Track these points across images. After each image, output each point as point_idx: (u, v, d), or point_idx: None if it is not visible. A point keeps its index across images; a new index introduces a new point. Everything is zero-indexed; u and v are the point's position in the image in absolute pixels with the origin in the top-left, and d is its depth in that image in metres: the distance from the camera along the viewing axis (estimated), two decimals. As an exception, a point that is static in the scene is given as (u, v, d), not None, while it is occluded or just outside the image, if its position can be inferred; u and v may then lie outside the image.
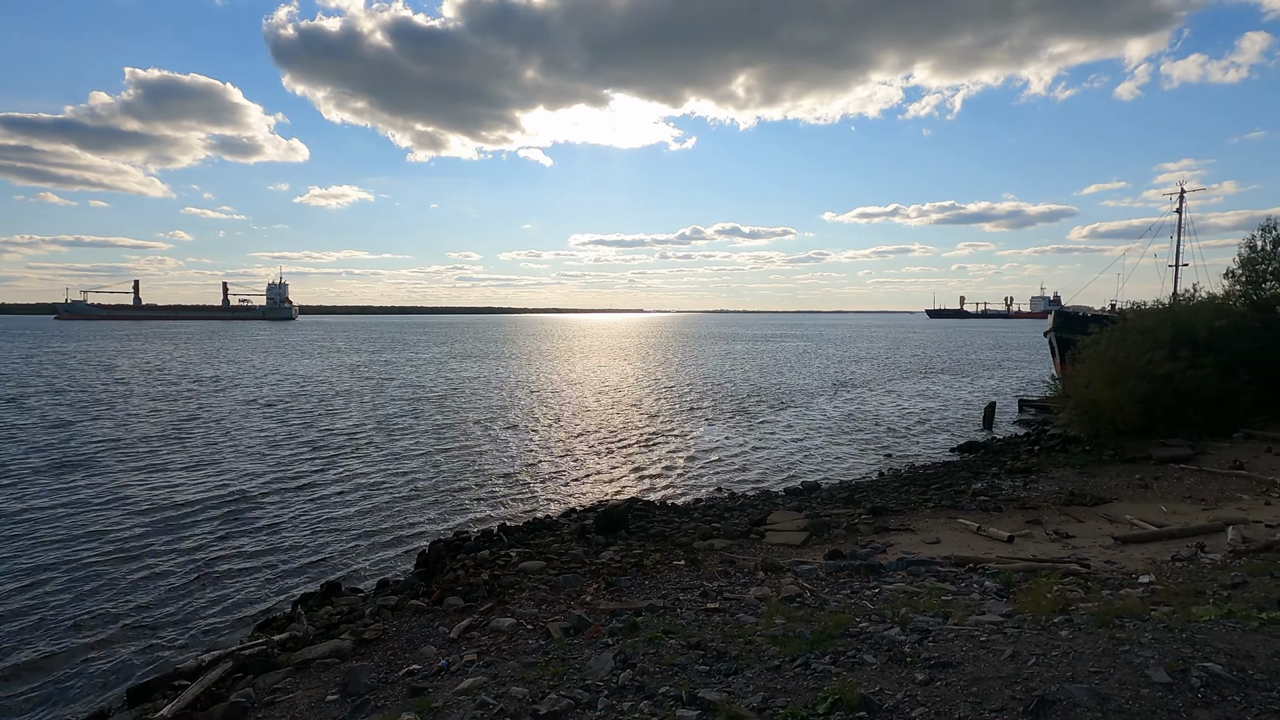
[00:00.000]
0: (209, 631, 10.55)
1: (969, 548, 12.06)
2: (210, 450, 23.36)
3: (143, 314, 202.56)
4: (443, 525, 15.77)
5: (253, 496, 17.83)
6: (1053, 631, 5.76)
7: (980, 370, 57.35)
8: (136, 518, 15.86)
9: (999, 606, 7.54)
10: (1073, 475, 18.32)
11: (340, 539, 14.75)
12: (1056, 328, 40.22)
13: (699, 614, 8.28)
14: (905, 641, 5.99)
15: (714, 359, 70.36)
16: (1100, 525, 13.48)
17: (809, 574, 10.24)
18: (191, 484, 18.98)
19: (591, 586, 10.14)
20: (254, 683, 7.59)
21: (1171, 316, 23.55)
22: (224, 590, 12.04)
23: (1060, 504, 15.29)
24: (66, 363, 58.11)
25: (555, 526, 14.91)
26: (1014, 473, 19.03)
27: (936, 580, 9.75)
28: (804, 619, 7.60)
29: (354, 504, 17.31)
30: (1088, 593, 8.42)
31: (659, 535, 13.66)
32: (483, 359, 68.40)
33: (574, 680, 6.14)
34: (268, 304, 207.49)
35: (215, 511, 16.49)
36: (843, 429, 28.96)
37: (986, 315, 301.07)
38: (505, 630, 8.35)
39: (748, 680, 5.59)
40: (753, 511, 15.60)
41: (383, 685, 7.06)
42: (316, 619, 9.75)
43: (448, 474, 20.56)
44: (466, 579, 10.89)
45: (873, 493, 17.54)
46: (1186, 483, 16.58)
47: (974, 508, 15.23)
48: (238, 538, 14.69)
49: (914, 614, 7.41)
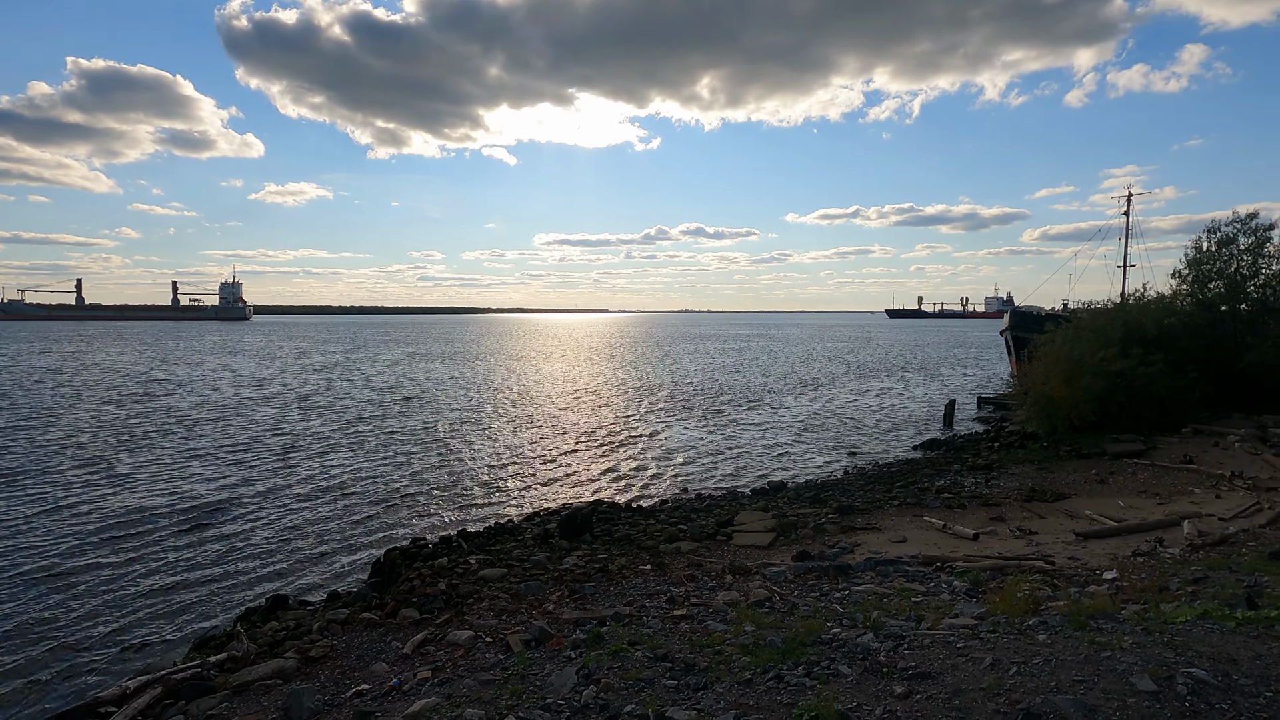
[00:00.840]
0: (143, 652, 9.83)
1: (935, 546, 12.03)
2: (152, 457, 22.20)
3: (86, 314, 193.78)
4: (399, 532, 15.17)
5: (197, 505, 16.91)
6: (1029, 636, 5.59)
7: (939, 368, 58.48)
8: (71, 529, 14.87)
9: (971, 608, 7.40)
10: (1032, 471, 18.59)
11: (290, 549, 14.04)
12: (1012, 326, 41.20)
13: (666, 622, 7.97)
14: (880, 649, 5.77)
15: (679, 359, 70.35)
16: (1061, 521, 13.62)
17: (778, 576, 10.03)
18: (130, 493, 17.94)
19: (554, 594, 9.76)
20: (186, 709, 7.02)
21: (1122, 315, 24.20)
22: (162, 606, 11.28)
23: (1022, 500, 15.45)
24: (7, 366, 55.10)
25: (517, 531, 14.45)
26: (976, 469, 19.22)
27: (905, 580, 9.64)
28: (774, 625, 7.35)
29: (305, 511, 16.56)
30: (1055, 591, 8.37)
31: (624, 539, 13.33)
32: (444, 360, 67.14)
33: (534, 699, 5.76)
34: (220, 304, 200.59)
35: (156, 522, 15.57)
36: (808, 427, 29.04)
37: (943, 315, 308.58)
38: (462, 644, 7.91)
39: (718, 696, 5.29)
40: (719, 512, 15.39)
41: (328, 708, 6.57)
42: (259, 636, 9.15)
43: (406, 478, 19.89)
44: (423, 589, 10.39)
45: (839, 491, 17.50)
46: (1140, 477, 16.93)
47: (939, 505, 15.28)
48: (180, 549, 13.86)
49: (886, 618, 7.23)
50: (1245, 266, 24.97)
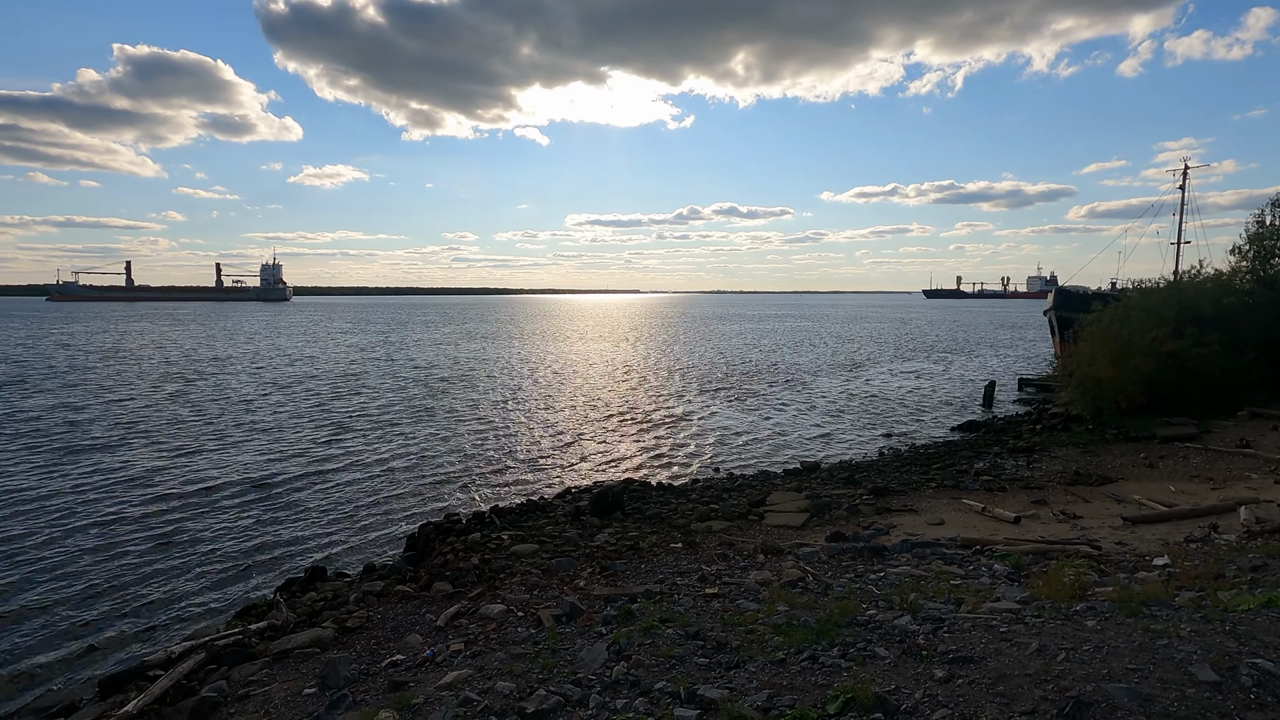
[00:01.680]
0: (190, 618, 10.16)
1: (975, 529, 11.73)
2: (200, 433, 22.89)
3: (136, 295, 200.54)
4: (433, 507, 15.39)
5: (241, 479, 17.39)
6: (1077, 621, 5.37)
7: (978, 349, 57.05)
8: (122, 501, 15.43)
9: (1013, 592, 7.17)
10: (1076, 454, 18.01)
11: (328, 522, 14.35)
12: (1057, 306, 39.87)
13: (697, 600, 7.90)
14: (919, 632, 5.60)
15: (711, 339, 69.91)
16: (1108, 505, 13.16)
17: (811, 557, 9.87)
18: (180, 467, 18.53)
19: (585, 570, 9.76)
20: (228, 675, 7.20)
21: (1176, 294, 23.16)
22: (207, 574, 11.64)
23: (1065, 483, 14.98)
24: (68, 345, 57.34)
25: (549, 508, 14.53)
26: (1017, 452, 18.70)
27: (943, 563, 9.39)
28: (808, 606, 7.22)
29: (345, 486, 16.90)
30: (1103, 576, 8.07)
31: (655, 517, 13.29)
32: (479, 340, 67.82)
33: (564, 674, 5.75)
34: (261, 285, 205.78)
35: (202, 494, 16.06)
36: (842, 408, 28.61)
37: (983, 295, 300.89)
38: (494, 618, 7.96)
39: (750, 675, 5.20)
40: (751, 492, 15.25)
41: (363, 677, 6.67)
42: (299, 606, 9.36)
43: (441, 455, 20.15)
44: (456, 563, 10.50)
45: (874, 473, 17.20)
46: (1193, 462, 16.27)
47: (978, 488, 14.91)
48: (224, 520, 14.28)
49: (924, 600, 7.04)
50: (1311, 242, 23.65)
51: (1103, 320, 22.51)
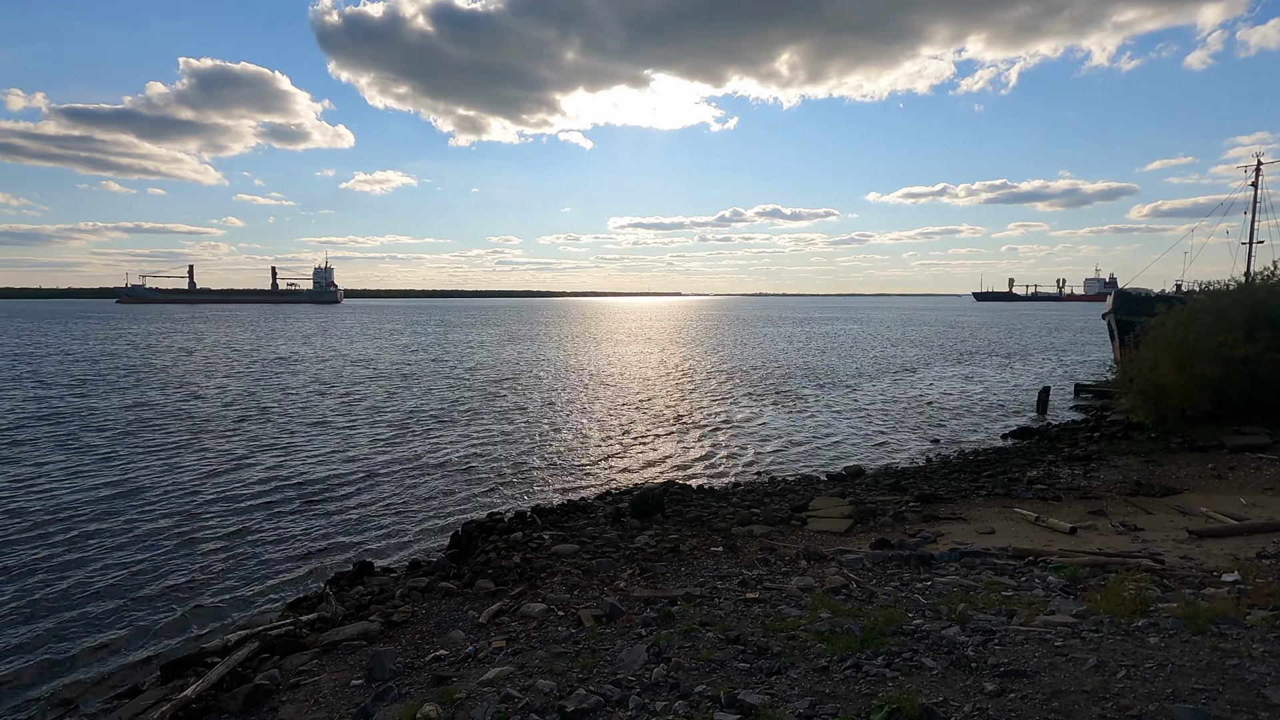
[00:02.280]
0: (245, 608, 10.53)
1: (1027, 539, 11.33)
2: (259, 431, 23.76)
3: (197, 298, 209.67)
4: (477, 505, 15.62)
5: (296, 476, 17.98)
6: (1139, 637, 5.13)
7: (1031, 354, 55.16)
8: (186, 495, 16.11)
9: (1069, 605, 6.90)
10: (1137, 464, 17.24)
11: (377, 518, 14.71)
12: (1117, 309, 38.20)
13: (738, 604, 7.83)
14: (968, 643, 5.44)
15: (754, 341, 69.31)
16: (1171, 517, 12.55)
17: (855, 564, 9.69)
18: (239, 462, 19.25)
19: (625, 572, 9.78)
20: (280, 664, 7.44)
21: (1249, 296, 21.94)
22: (260, 566, 12.05)
23: (1125, 494, 14.35)
24: (139, 346, 60.29)
25: (589, 509, 14.60)
26: (1073, 460, 18.00)
27: (994, 574, 9.10)
28: (851, 613, 7.09)
29: (392, 483, 17.30)
30: (1167, 591, 7.70)
31: (696, 520, 13.23)
32: (524, 341, 68.69)
33: (604, 674, 5.76)
34: (314, 287, 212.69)
35: (260, 489, 16.65)
36: (888, 413, 28.01)
37: (1037, 298, 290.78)
38: (535, 616, 8.03)
39: (792, 681, 5.12)
40: (793, 497, 15.05)
41: (408, 671, 6.81)
42: (347, 599, 9.61)
43: (484, 454, 20.46)
44: (498, 561, 10.64)
45: (920, 479, 16.78)
46: (1266, 473, 15.40)
47: (1030, 496, 14.40)
48: (279, 515, 14.77)
49: (973, 611, 6.84)
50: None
51: (1167, 324, 21.49)
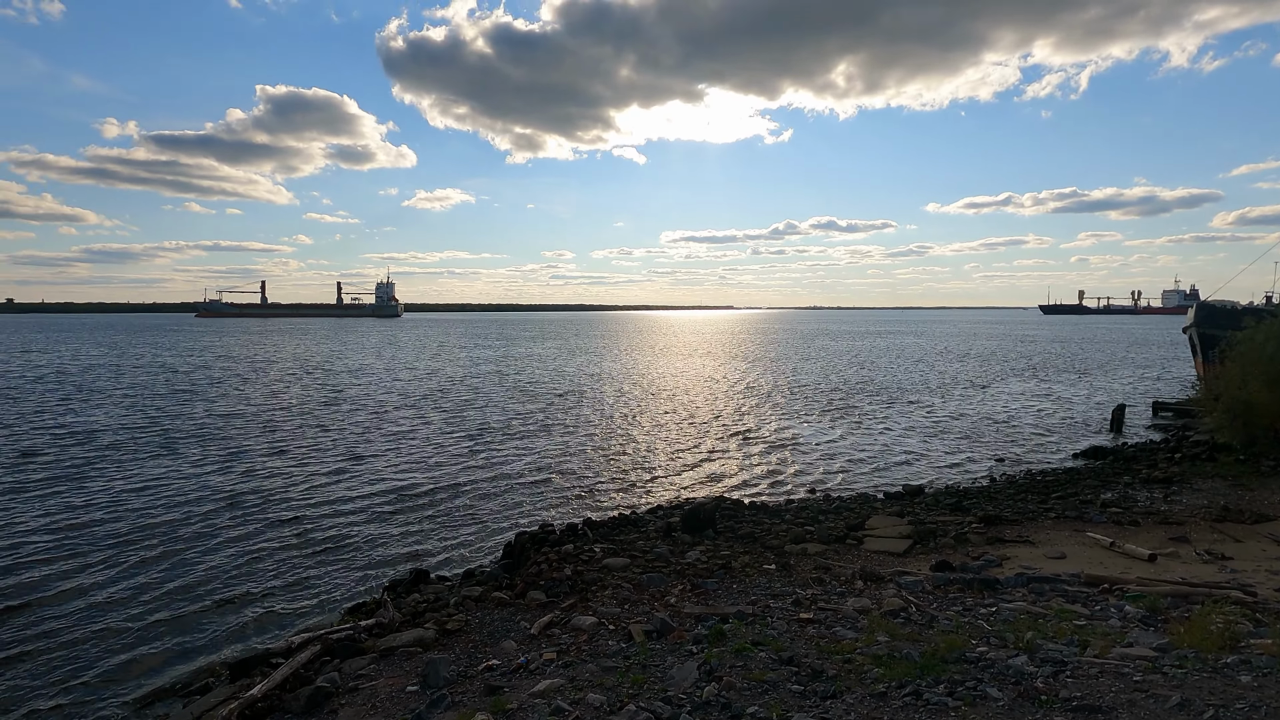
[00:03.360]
0: (307, 612, 10.89)
1: (1101, 565, 10.73)
2: (319, 440, 24.69)
3: (268, 312, 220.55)
4: (529, 516, 15.80)
5: (359, 484, 18.58)
6: (1228, 675, 4.78)
7: (1105, 370, 52.49)
8: (249, 502, 16.84)
9: (1149, 638, 6.48)
10: (1224, 488, 16.16)
11: (433, 527, 15.04)
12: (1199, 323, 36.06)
13: (791, 624, 7.66)
14: (1037, 674, 5.17)
15: (809, 355, 68.21)
16: (1264, 546, 11.69)
17: (914, 586, 9.36)
18: (300, 472, 20.04)
19: (676, 587, 9.70)
20: (340, 667, 7.65)
21: (1349, 308, 20.40)
22: (324, 572, 12.46)
23: (1211, 520, 13.45)
24: (221, 357, 63.73)
25: (640, 523, 14.57)
26: (1151, 483, 17.00)
27: (1065, 601, 8.65)
28: (911, 637, 6.84)
29: (445, 492, 17.68)
30: (1259, 626, 7.15)
31: (748, 536, 13.04)
32: (576, 355, 69.45)
33: (654, 691, 5.72)
34: (376, 302, 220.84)
35: (319, 498, 17.27)
36: (950, 430, 27.07)
37: (1109, 310, 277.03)
38: (586, 629, 8.04)
39: (848, 707, 4.97)
40: (849, 515, 14.67)
41: (461, 679, 6.90)
42: (403, 606, 9.83)
43: (536, 465, 20.71)
44: (550, 573, 10.71)
45: (984, 499, 16.13)
46: (1373, 501, 14.20)
47: (1104, 520, 13.65)
48: (338, 523, 15.27)
49: (1042, 640, 6.50)
50: None
51: (1257, 338, 20.15)
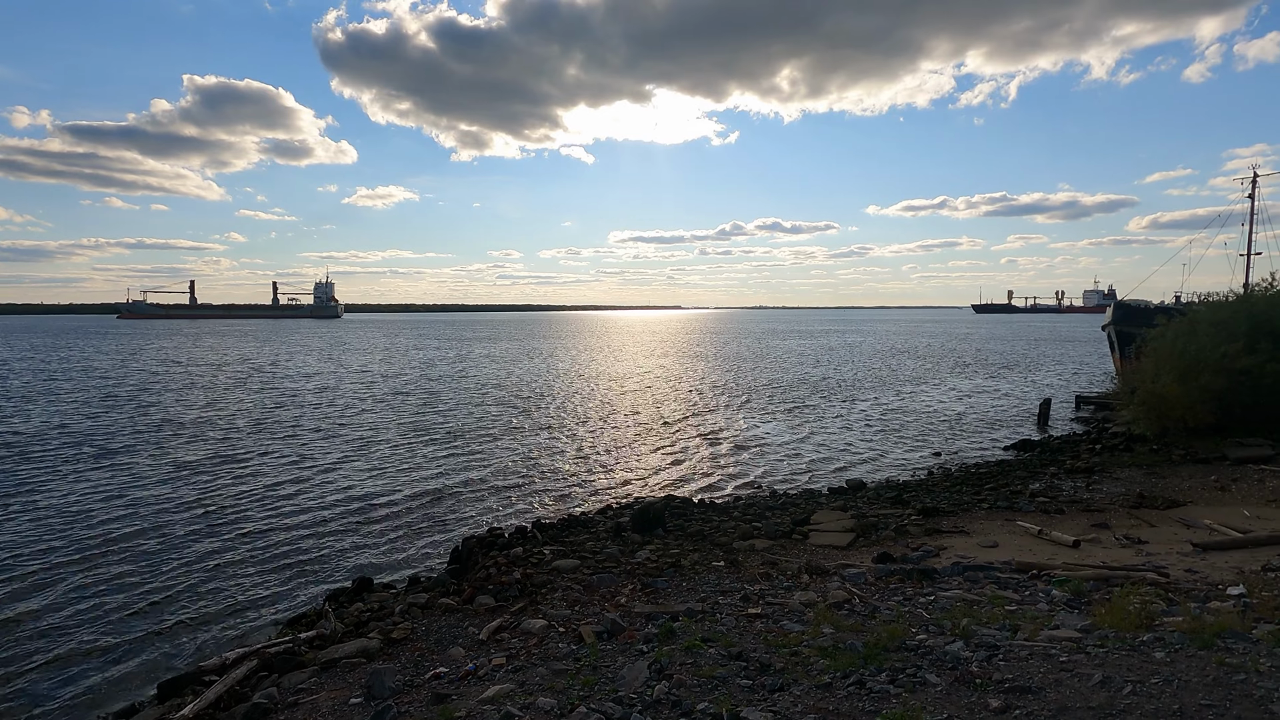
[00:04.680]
0: (243, 626, 10.45)
1: (1030, 552, 11.27)
2: (254, 445, 23.71)
3: (198, 313, 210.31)
4: (477, 520, 15.56)
5: (293, 490, 17.92)
6: (1144, 652, 5.09)
7: (1032, 366, 55.15)
8: (175, 511, 16.04)
9: (1073, 620, 6.84)
10: (1140, 476, 17.19)
11: (376, 533, 14.64)
12: (1117, 321, 38.27)
13: (740, 620, 7.77)
14: (972, 659, 5.39)
15: (755, 355, 69.34)
16: (1175, 530, 12.49)
17: (857, 578, 9.63)
18: (234, 478, 19.20)
19: (627, 587, 9.72)
20: (278, 682, 7.38)
21: (1248, 307, 21.99)
22: (258, 583, 11.98)
23: (1129, 507, 14.30)
24: (142, 359, 60.35)
25: (590, 524, 14.53)
26: (1075, 473, 17.95)
27: (997, 588, 9.05)
28: (854, 628, 7.04)
29: (391, 498, 17.24)
30: (1172, 605, 7.64)
31: (697, 534, 13.17)
32: (522, 355, 68.73)
33: (605, 691, 5.71)
34: (315, 302, 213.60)
35: (257, 504, 16.58)
36: (888, 425, 27.96)
37: (1036, 310, 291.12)
38: (536, 633, 7.97)
39: (795, 698, 5.08)
40: (795, 511, 14.99)
41: (407, 689, 6.75)
42: (346, 616, 9.55)
43: (484, 468, 20.41)
44: (498, 577, 10.58)
45: (922, 492, 16.73)
46: (1269, 485, 15.34)
47: (1033, 509, 14.35)
48: (277, 530, 14.70)
49: (977, 626, 6.79)
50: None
51: (1168, 335, 21.52)
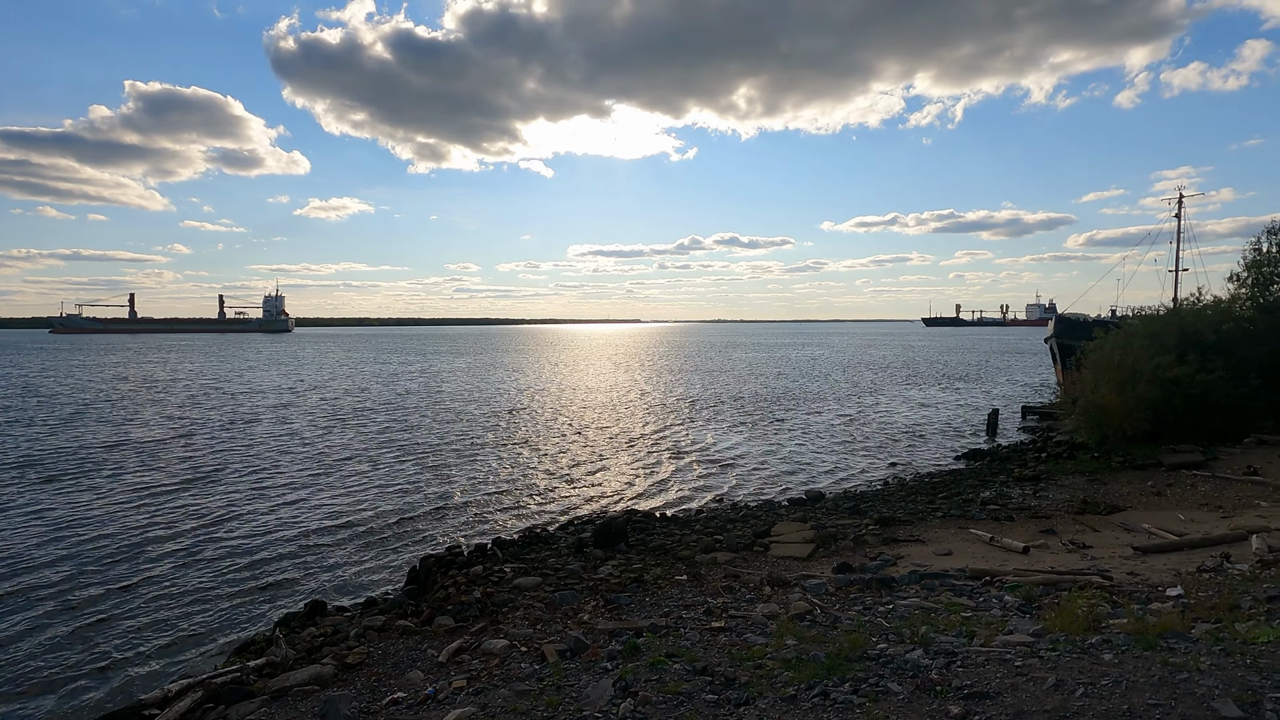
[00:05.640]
0: (188, 655, 9.98)
1: (983, 559, 11.58)
2: (196, 463, 22.78)
3: (138, 327, 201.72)
4: (435, 539, 15.22)
5: (240, 512, 17.25)
6: (1093, 654, 5.26)
7: (980, 377, 56.98)
8: (117, 534, 15.27)
9: (1026, 625, 7.05)
10: (1083, 483, 17.87)
11: (330, 554, 14.19)
12: (1058, 334, 39.89)
13: (704, 634, 7.77)
14: (931, 666, 5.50)
15: (714, 368, 69.92)
16: (1117, 534, 13.01)
17: (818, 589, 9.74)
18: (179, 499, 18.39)
19: (589, 604, 9.62)
20: (225, 714, 7.05)
21: (1178, 320, 23.19)
22: (205, 610, 11.47)
23: (1073, 512, 14.83)
24: (77, 376, 57.42)
25: (551, 540, 14.37)
26: (1023, 480, 18.56)
27: (953, 595, 9.26)
28: (817, 639, 7.10)
29: (345, 518, 16.74)
30: (1117, 608, 7.94)
31: (659, 549, 13.14)
32: (480, 369, 67.85)
33: (569, 711, 5.63)
34: (264, 316, 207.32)
35: (201, 527, 15.90)
36: (845, 437, 28.47)
37: (982, 323, 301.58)
38: (497, 653, 7.82)
39: (760, 712, 5.09)
40: (756, 523, 15.11)
41: (364, 715, 6.53)
42: (298, 641, 9.20)
43: (442, 486, 20.01)
44: (458, 597, 10.36)
45: (879, 502, 17.05)
46: (1201, 489, 16.13)
47: (984, 517, 14.76)
48: (223, 554, 14.11)
49: (935, 633, 6.93)
50: (1310, 268, 23.77)
51: (1105, 347, 22.50)
